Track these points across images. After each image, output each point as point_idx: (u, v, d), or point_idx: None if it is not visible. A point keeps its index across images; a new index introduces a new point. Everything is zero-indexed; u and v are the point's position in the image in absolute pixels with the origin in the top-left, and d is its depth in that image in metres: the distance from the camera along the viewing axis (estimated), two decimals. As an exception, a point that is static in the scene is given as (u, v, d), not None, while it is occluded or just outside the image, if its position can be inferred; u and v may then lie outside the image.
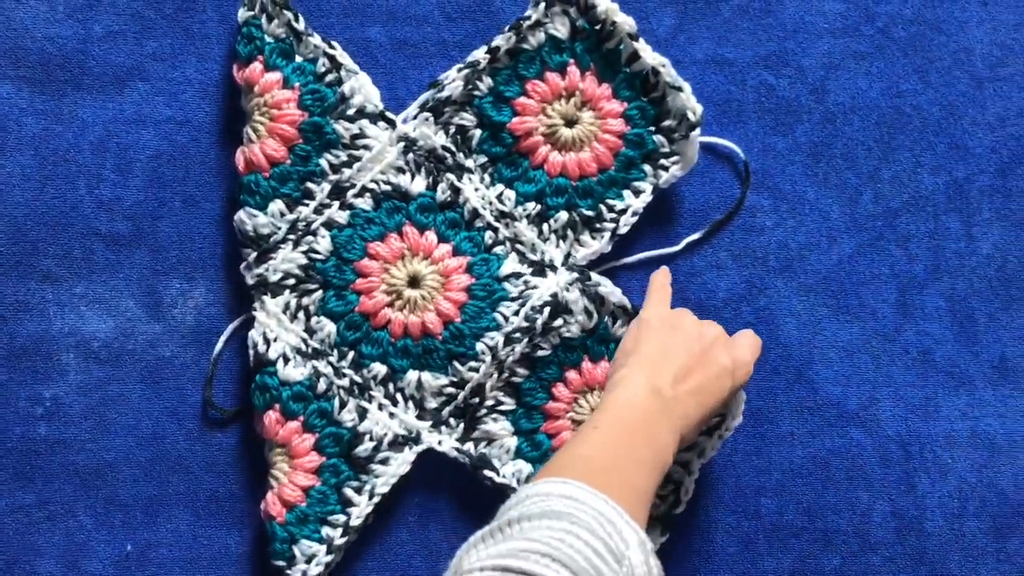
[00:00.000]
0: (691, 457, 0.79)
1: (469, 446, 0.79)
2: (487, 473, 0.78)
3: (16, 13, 0.79)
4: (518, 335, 0.79)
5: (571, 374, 0.80)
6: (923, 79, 0.87)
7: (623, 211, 0.81)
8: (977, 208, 0.87)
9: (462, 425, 0.79)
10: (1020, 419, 0.86)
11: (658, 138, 0.81)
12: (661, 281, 0.78)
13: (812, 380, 0.85)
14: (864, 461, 0.85)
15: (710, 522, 0.83)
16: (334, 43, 0.79)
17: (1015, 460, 0.86)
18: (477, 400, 0.79)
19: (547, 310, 0.79)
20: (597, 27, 0.80)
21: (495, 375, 0.79)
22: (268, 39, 0.78)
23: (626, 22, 0.79)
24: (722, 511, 0.83)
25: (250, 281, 0.77)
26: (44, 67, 0.80)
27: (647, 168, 0.81)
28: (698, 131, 0.81)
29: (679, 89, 0.80)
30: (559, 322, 0.79)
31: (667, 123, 0.81)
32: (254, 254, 0.77)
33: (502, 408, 0.80)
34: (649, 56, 0.80)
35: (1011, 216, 0.87)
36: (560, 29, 0.80)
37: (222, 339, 0.80)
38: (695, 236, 0.84)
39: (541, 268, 0.80)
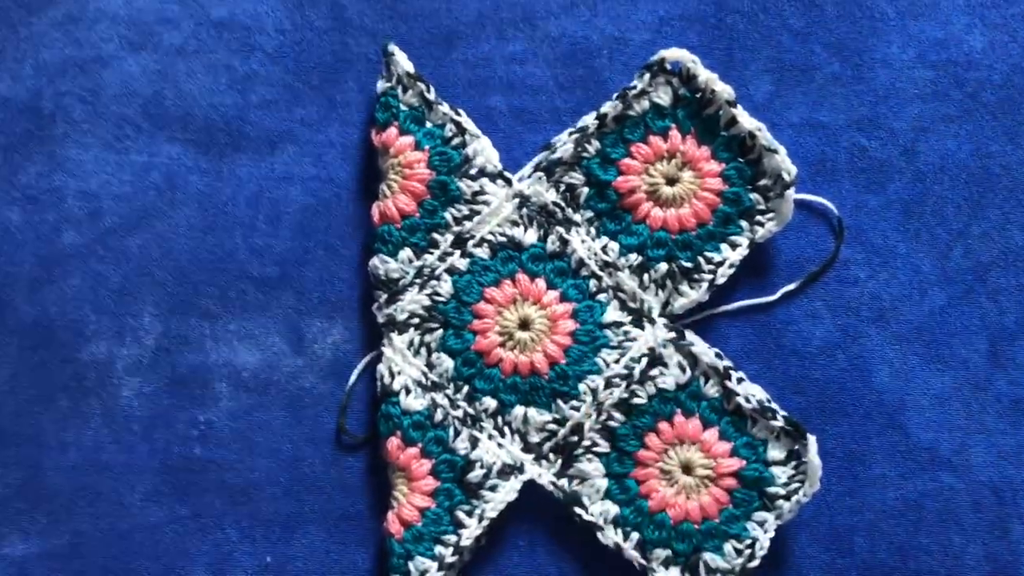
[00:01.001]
0: (768, 517, 0.83)
1: (564, 482, 0.83)
2: (576, 510, 0.82)
3: (187, 85, 0.87)
4: (617, 380, 0.84)
5: (663, 425, 0.83)
6: (1012, 140, 0.90)
7: (720, 263, 0.85)
8: (1069, 264, 0.89)
9: (560, 461, 0.83)
10: (1116, 469, 0.87)
11: (754, 196, 0.86)
12: None
13: (904, 425, 0.87)
14: (956, 505, 0.86)
15: (804, 558, 0.85)
16: (460, 111, 0.86)
17: (1112, 510, 0.87)
18: (576, 439, 0.83)
19: (644, 360, 0.84)
20: (698, 95, 0.85)
21: (593, 416, 0.84)
22: (403, 107, 0.85)
23: (725, 90, 0.85)
24: (816, 548, 0.86)
25: (380, 320, 0.84)
26: (208, 131, 0.87)
27: (744, 224, 0.86)
28: (792, 190, 0.85)
29: (774, 151, 0.85)
30: (656, 371, 0.84)
31: (763, 182, 0.85)
32: (385, 296, 0.84)
33: (597, 450, 0.84)
34: (746, 121, 0.85)
35: (1103, 272, 0.89)
36: (663, 97, 0.86)
37: (355, 372, 0.86)
38: (791, 287, 0.88)
39: (639, 317, 0.85)
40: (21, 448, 0.84)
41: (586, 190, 0.86)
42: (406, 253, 0.84)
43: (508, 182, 0.86)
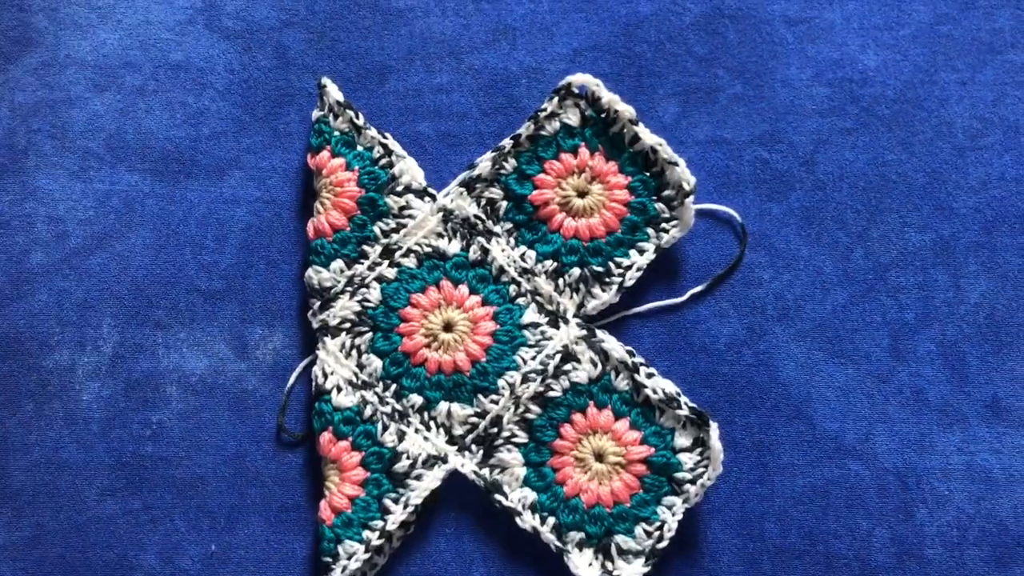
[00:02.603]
0: (676, 501, 0.88)
1: (486, 471, 0.89)
2: (497, 496, 0.88)
3: (145, 120, 0.96)
4: (533, 375, 0.90)
5: (577, 416, 0.89)
6: (907, 150, 0.96)
7: (629, 267, 0.92)
8: (963, 262, 0.94)
9: (481, 452, 0.89)
10: (1016, 455, 0.91)
11: (659, 205, 0.93)
12: None
13: (810, 416, 0.92)
14: (863, 491, 0.91)
15: (717, 543, 0.90)
16: (387, 134, 0.93)
17: (1013, 493, 0.90)
18: (495, 430, 0.89)
19: (559, 356, 0.91)
20: (603, 115, 0.93)
21: (512, 409, 0.90)
22: (335, 132, 0.93)
23: (627, 110, 0.92)
24: (729, 533, 0.90)
25: (315, 325, 0.91)
26: (163, 160, 0.95)
27: (650, 231, 0.93)
28: (692, 198, 0.91)
29: (675, 164, 0.91)
30: (569, 367, 0.91)
31: (666, 192, 0.92)
32: (319, 303, 0.91)
33: (516, 440, 0.90)
34: (648, 137, 0.92)
35: (997, 269, 0.94)
36: (572, 118, 0.93)
37: (294, 375, 0.92)
38: (698, 288, 0.94)
39: (556, 319, 0.92)
40: (-10, 448, 0.92)
41: (505, 203, 0.93)
42: (338, 264, 0.92)
43: (432, 197, 0.93)
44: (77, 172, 0.96)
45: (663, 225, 0.93)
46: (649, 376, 0.90)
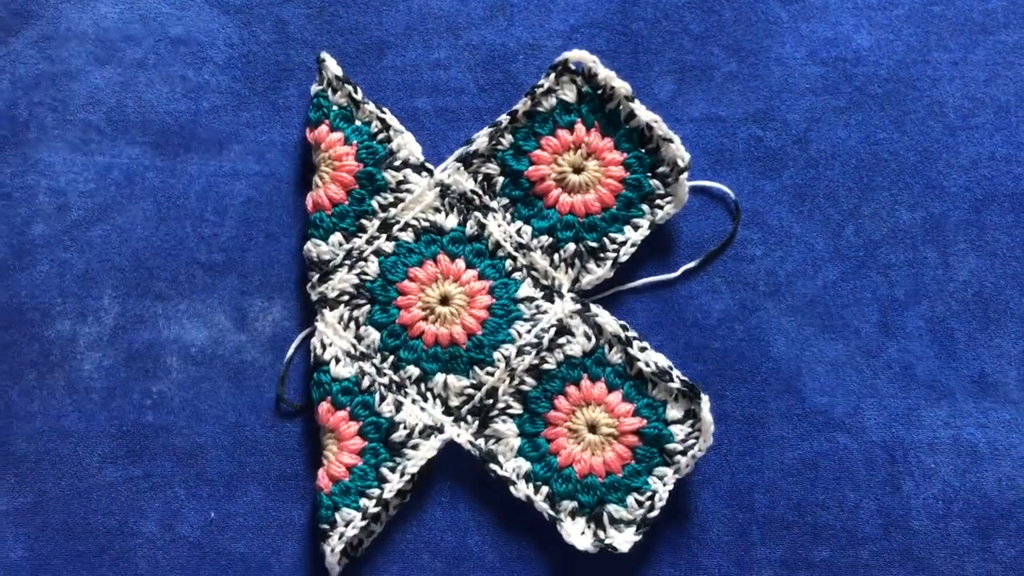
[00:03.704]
0: (667, 472, 0.90)
1: (481, 441, 0.91)
2: (492, 466, 0.90)
3: (146, 94, 0.97)
4: (528, 348, 0.92)
5: (571, 389, 0.91)
6: (899, 128, 0.97)
7: (624, 243, 0.93)
8: (953, 240, 0.95)
9: (477, 422, 0.91)
10: (1002, 429, 0.93)
11: (654, 182, 0.94)
12: None
13: (800, 390, 0.94)
14: (851, 463, 0.92)
15: (707, 513, 0.92)
16: (385, 109, 0.95)
17: (998, 467, 0.92)
18: (491, 401, 0.91)
19: (553, 329, 0.92)
20: (599, 91, 0.94)
21: (507, 381, 0.91)
22: (333, 107, 0.94)
23: (623, 87, 0.93)
24: (719, 503, 0.92)
25: (314, 297, 0.92)
26: (164, 134, 0.96)
27: (644, 207, 0.94)
28: (686, 175, 0.93)
29: (670, 140, 0.93)
30: (563, 340, 0.92)
31: (661, 169, 0.94)
32: (317, 276, 0.92)
33: (511, 411, 0.91)
34: (643, 114, 0.93)
35: (986, 247, 0.95)
36: (568, 94, 0.94)
37: (293, 346, 0.93)
38: (691, 264, 0.95)
39: (551, 293, 0.93)
40: (-7, 416, 0.94)
41: (501, 179, 0.94)
42: (336, 237, 0.93)
43: (430, 172, 0.94)
44: (78, 145, 0.97)
45: (657, 201, 0.94)
46: (642, 350, 0.91)
